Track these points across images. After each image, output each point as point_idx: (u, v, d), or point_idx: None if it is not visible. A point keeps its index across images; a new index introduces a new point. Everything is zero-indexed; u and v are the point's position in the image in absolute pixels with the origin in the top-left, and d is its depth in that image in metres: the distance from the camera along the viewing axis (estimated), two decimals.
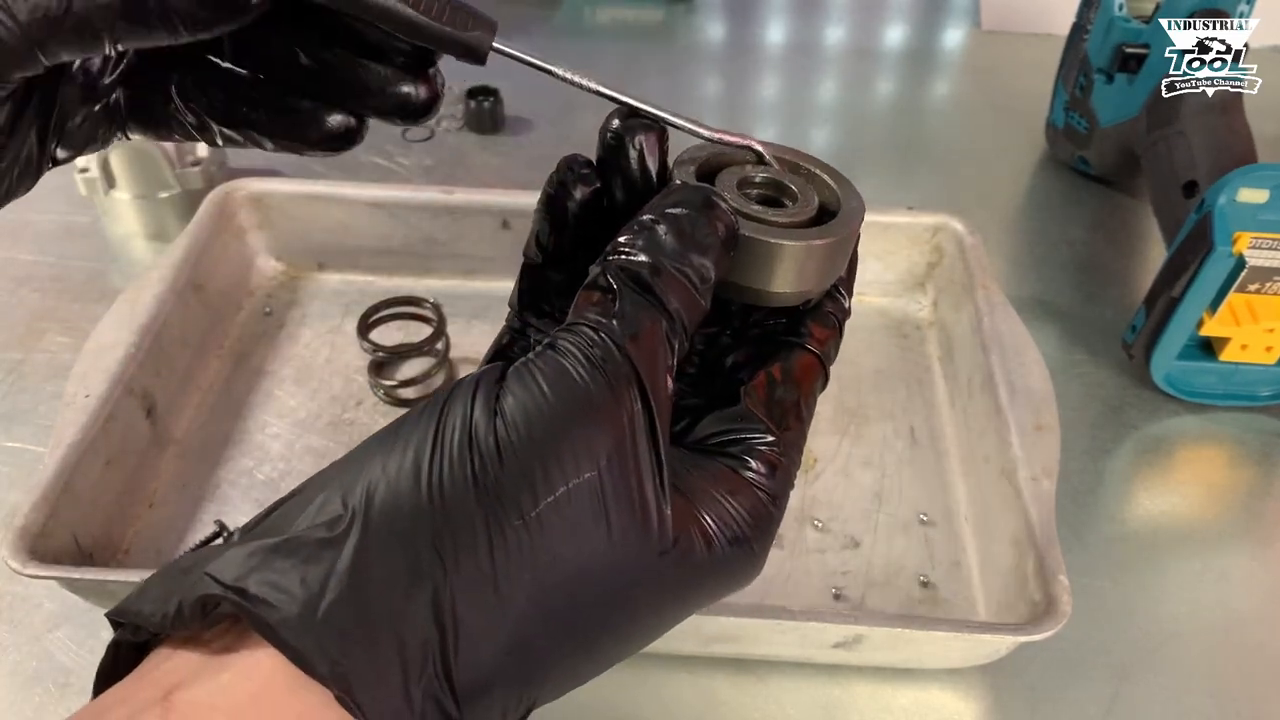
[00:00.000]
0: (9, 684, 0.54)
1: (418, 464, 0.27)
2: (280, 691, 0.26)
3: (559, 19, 1.18)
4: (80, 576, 0.52)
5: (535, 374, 0.28)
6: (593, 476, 0.27)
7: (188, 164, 0.81)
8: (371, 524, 0.26)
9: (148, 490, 0.63)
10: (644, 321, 0.29)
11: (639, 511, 0.28)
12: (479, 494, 0.26)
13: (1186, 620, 0.59)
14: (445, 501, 0.26)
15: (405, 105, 0.33)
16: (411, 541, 0.26)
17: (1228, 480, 0.68)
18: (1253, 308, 0.68)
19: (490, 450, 0.27)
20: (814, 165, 0.36)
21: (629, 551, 0.28)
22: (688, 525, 0.30)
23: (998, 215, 0.90)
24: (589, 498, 0.27)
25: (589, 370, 0.28)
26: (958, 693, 0.55)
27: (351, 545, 0.26)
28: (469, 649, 0.26)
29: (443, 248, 0.77)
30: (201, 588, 0.26)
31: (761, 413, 0.33)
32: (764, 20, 1.21)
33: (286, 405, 0.69)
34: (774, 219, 0.33)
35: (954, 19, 1.21)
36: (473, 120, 0.97)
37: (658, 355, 0.29)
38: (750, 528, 0.31)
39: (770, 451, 0.32)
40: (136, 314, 0.64)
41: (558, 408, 0.27)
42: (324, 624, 0.25)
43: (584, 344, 0.28)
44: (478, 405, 0.27)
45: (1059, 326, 0.78)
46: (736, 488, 0.31)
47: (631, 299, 0.29)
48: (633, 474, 0.28)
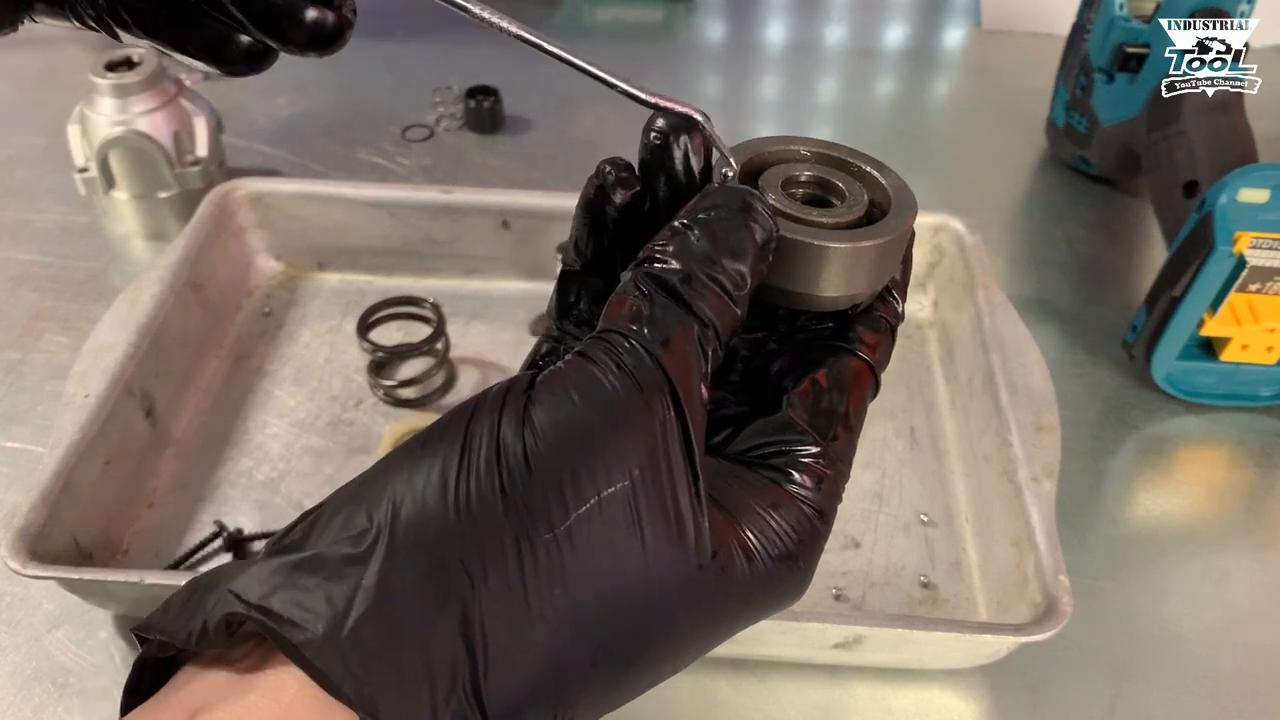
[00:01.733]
0: (9, 684, 0.54)
1: (444, 478, 0.26)
2: (306, 713, 0.25)
3: (559, 18, 1.18)
4: (80, 577, 0.52)
5: (564, 383, 0.27)
6: (625, 487, 0.26)
7: (187, 164, 0.81)
8: (397, 540, 0.26)
9: (147, 490, 0.63)
10: (675, 328, 0.28)
11: (674, 523, 0.27)
12: (507, 508, 0.26)
13: (1187, 620, 0.59)
14: (473, 516, 0.26)
15: (314, 30, 0.30)
16: (439, 558, 0.25)
17: (1228, 480, 0.68)
18: (1253, 308, 0.68)
19: (519, 462, 0.26)
20: (863, 161, 0.35)
21: (664, 565, 0.27)
22: (728, 539, 0.29)
23: (998, 215, 0.90)
24: (621, 509, 0.26)
25: (619, 378, 0.27)
26: (958, 693, 0.55)
27: (377, 562, 0.25)
28: (499, 668, 0.26)
29: (442, 248, 0.77)
30: (225, 606, 0.26)
31: (805, 422, 0.32)
32: (764, 20, 1.21)
33: (286, 405, 0.69)
34: (820, 220, 0.32)
35: (954, 18, 1.21)
36: (472, 120, 0.97)
37: (690, 362, 0.28)
38: (795, 543, 0.30)
39: (815, 464, 0.31)
40: (136, 314, 0.64)
41: (587, 416, 0.27)
42: (349, 644, 0.25)
43: (614, 351, 0.28)
44: (505, 416, 0.27)
45: (1060, 326, 0.77)
46: (780, 501, 0.30)
47: (662, 305, 0.28)
48: (666, 484, 0.27)
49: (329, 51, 0.31)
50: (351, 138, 0.95)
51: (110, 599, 0.56)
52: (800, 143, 0.35)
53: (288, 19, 0.29)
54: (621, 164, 0.33)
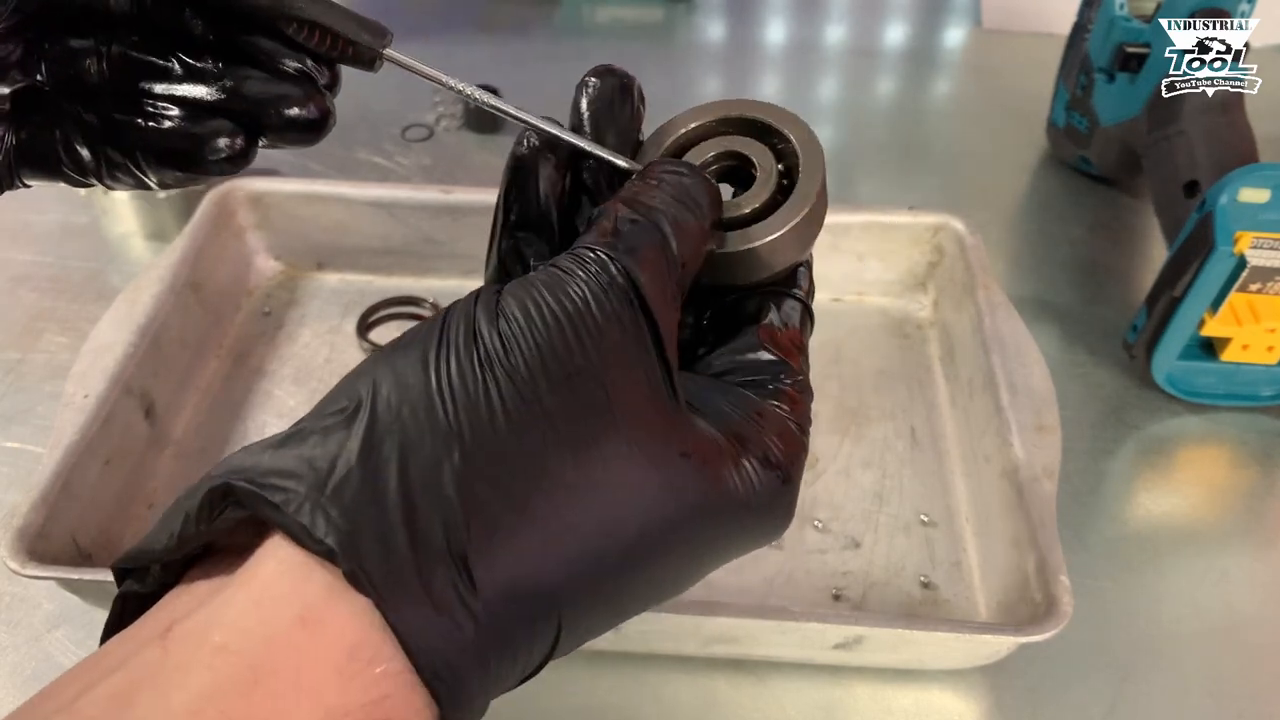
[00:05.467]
0: (8, 684, 0.54)
1: (424, 358, 0.26)
2: (283, 588, 0.24)
3: (559, 19, 1.18)
4: (79, 577, 0.52)
5: (534, 281, 0.28)
6: (598, 362, 0.27)
7: None
8: (379, 411, 0.26)
9: (146, 490, 0.63)
10: (643, 240, 0.29)
11: (649, 404, 0.27)
12: (487, 379, 0.26)
13: (1188, 621, 0.59)
14: (453, 388, 0.26)
15: (297, 121, 0.33)
16: (422, 423, 0.25)
17: (1229, 480, 0.68)
18: (1254, 307, 0.68)
19: (493, 342, 0.26)
20: (766, 113, 0.35)
21: (644, 446, 0.27)
22: (711, 439, 0.29)
23: (998, 215, 0.90)
24: (595, 386, 0.27)
25: (586, 277, 0.28)
26: (959, 693, 0.55)
27: (361, 427, 0.25)
28: (485, 534, 0.25)
29: (442, 247, 0.77)
30: (205, 485, 0.25)
31: (772, 346, 0.32)
32: (764, 20, 1.21)
33: (285, 405, 0.69)
34: (745, 210, 0.33)
35: (954, 18, 1.21)
36: (472, 120, 0.97)
37: (660, 269, 0.29)
38: (780, 452, 0.30)
39: (791, 386, 0.32)
40: (135, 314, 0.64)
41: (557, 306, 0.27)
42: (331, 501, 0.24)
43: (581, 259, 0.28)
44: (479, 306, 0.27)
45: (1060, 326, 0.77)
46: (764, 412, 0.30)
47: (630, 223, 0.29)
48: (638, 368, 0.28)
49: (311, 142, 0.35)
50: (351, 138, 0.95)
51: (110, 599, 0.56)
52: (704, 112, 0.36)
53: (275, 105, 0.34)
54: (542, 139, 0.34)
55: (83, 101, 0.33)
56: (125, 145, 0.33)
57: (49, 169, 0.34)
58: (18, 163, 0.34)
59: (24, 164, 0.34)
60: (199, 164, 0.34)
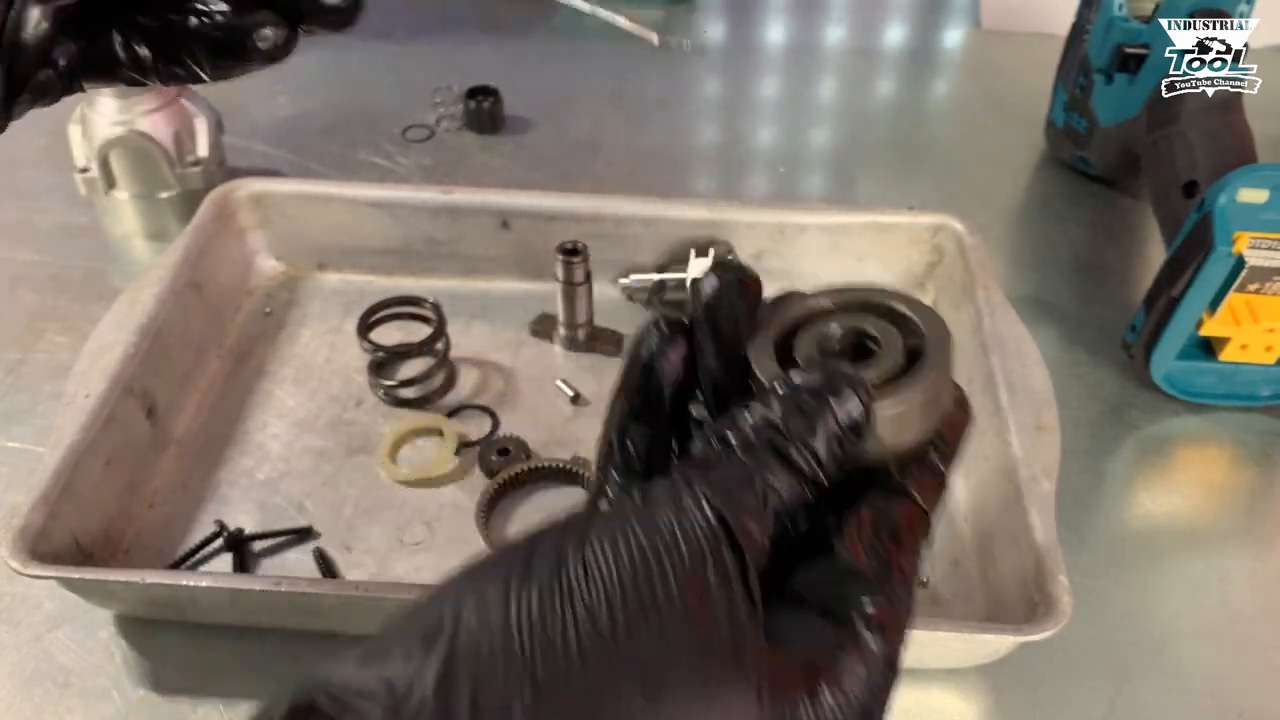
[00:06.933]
0: (9, 684, 0.54)
1: (507, 586, 0.27)
2: None
3: (559, 19, 1.18)
4: (80, 576, 0.52)
5: (626, 515, 0.28)
6: (679, 600, 0.27)
7: (188, 164, 0.81)
8: (459, 638, 0.26)
9: (147, 490, 0.63)
10: (738, 480, 0.28)
11: (730, 640, 0.27)
12: (565, 613, 0.26)
13: (1187, 620, 0.59)
14: (532, 622, 0.26)
15: (332, 8, 0.38)
16: (497, 656, 0.26)
17: (1228, 480, 0.68)
18: (1252, 308, 0.68)
19: (577, 574, 0.27)
20: (884, 296, 0.34)
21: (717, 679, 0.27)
22: (789, 676, 0.28)
23: (998, 215, 0.90)
24: (673, 623, 0.27)
25: (678, 514, 0.28)
26: (958, 693, 0.55)
27: (438, 657, 0.26)
28: None
29: (442, 248, 0.77)
30: (290, 695, 0.26)
31: (860, 563, 0.31)
32: (764, 20, 1.21)
33: (286, 405, 0.69)
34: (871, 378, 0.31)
35: (954, 19, 1.21)
36: (472, 120, 0.97)
37: (755, 509, 0.28)
38: (861, 689, 0.29)
39: (879, 611, 0.30)
40: (136, 314, 0.64)
41: (646, 542, 0.27)
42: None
43: (674, 490, 0.28)
44: (568, 537, 0.28)
45: (1059, 326, 0.77)
46: (846, 646, 0.29)
47: (728, 458, 0.29)
48: (723, 604, 0.27)
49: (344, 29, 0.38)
50: (352, 138, 0.95)
51: (111, 598, 0.56)
52: (818, 297, 0.34)
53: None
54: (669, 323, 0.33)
55: (138, 7, 0.37)
56: (182, 42, 0.38)
57: (109, 72, 0.38)
58: (81, 69, 0.38)
59: (86, 69, 0.38)
60: (248, 54, 0.38)
